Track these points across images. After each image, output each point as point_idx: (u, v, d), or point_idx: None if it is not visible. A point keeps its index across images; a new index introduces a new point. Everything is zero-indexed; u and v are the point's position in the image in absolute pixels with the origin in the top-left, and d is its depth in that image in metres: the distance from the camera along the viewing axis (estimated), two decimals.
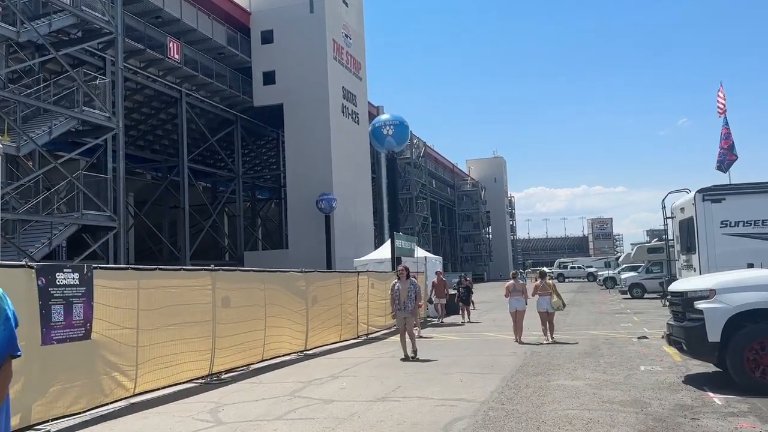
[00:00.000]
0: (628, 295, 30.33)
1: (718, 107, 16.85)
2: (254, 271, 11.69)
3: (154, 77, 32.32)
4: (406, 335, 12.15)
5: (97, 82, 24.35)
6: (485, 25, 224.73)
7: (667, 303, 24.05)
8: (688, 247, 12.76)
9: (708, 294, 8.01)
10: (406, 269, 12.91)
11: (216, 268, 10.53)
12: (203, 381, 10.07)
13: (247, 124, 39.74)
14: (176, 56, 32.42)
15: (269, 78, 38.38)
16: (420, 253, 24.12)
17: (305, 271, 13.47)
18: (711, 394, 7.71)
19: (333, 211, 36.22)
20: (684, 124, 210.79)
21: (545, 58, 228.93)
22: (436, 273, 22.42)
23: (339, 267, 31.10)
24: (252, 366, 11.49)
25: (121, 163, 24.93)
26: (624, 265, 43.95)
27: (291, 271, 13.10)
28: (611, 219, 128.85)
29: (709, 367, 9.38)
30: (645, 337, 14.09)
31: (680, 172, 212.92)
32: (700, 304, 8.01)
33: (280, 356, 12.39)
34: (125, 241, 24.59)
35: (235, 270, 11.04)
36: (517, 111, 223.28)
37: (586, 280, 58.31)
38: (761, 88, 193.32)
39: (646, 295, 29.91)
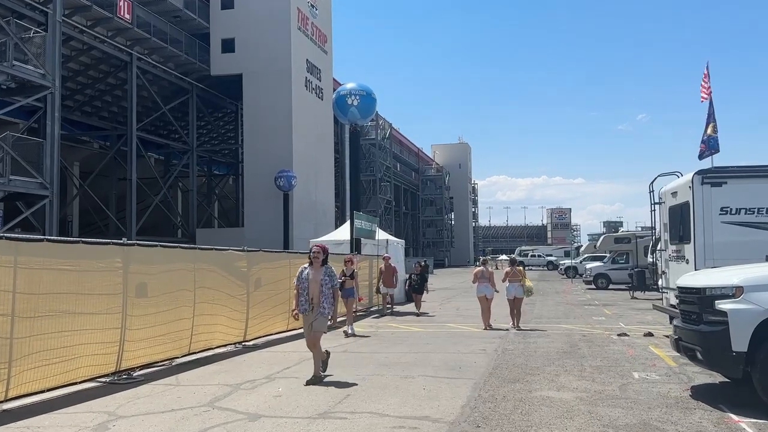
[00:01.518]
0: (593, 286, 29.21)
1: (702, 91, 15.38)
2: (181, 247, 9.67)
3: (102, 37, 29.47)
4: (319, 348, 8.19)
5: (32, 34, 21.59)
6: (455, 10, 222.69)
7: (634, 295, 23.27)
8: (681, 236, 11.26)
9: (733, 292, 6.40)
10: (324, 250, 8.30)
11: (130, 242, 8.46)
12: (108, 380, 8.07)
13: (204, 94, 37.10)
14: (127, 16, 29.61)
15: (228, 46, 35.80)
16: (382, 235, 22.31)
17: (248, 250, 11.49)
18: (734, 417, 6.11)
19: (292, 189, 34.14)
20: (643, 119, 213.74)
21: (513, 48, 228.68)
22: (384, 258, 18.32)
23: (297, 248, 29.08)
24: (177, 360, 9.52)
25: (56, 125, 22.29)
26: (586, 255, 43.21)
27: (230, 249, 11.09)
28: (570, 209, 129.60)
29: (714, 376, 7.86)
30: (626, 335, 12.61)
31: (637, 166, 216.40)
32: (724, 305, 6.39)
33: (212, 348, 10.44)
34: (58, 212, 22.03)
35: (156, 245, 9.00)
36: (483, 99, 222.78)
37: (546, 268, 57.61)
38: (723, 85, 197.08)
39: (611, 286, 28.82)
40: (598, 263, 30.42)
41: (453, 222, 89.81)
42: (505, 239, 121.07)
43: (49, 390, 7.21)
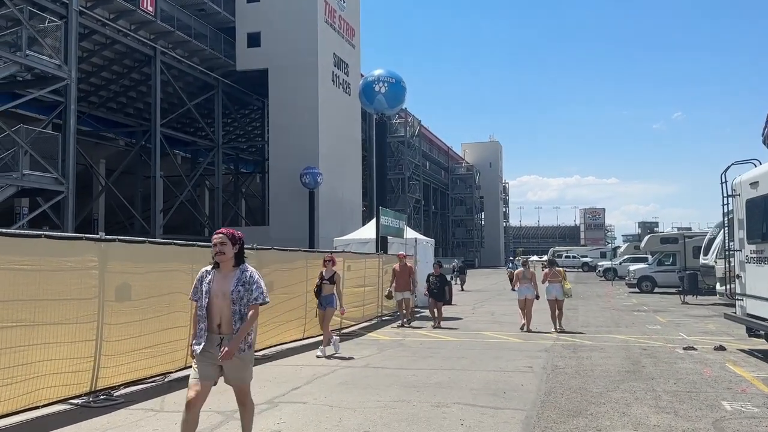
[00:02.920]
0: (636, 289, 27.08)
1: None
2: (176, 244, 8.23)
3: (126, 31, 28.51)
4: (250, 406, 5.13)
5: (46, 23, 20.59)
6: (489, 8, 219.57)
7: (685, 300, 21.17)
8: (764, 233, 9.42)
9: None
10: (234, 239, 4.76)
11: (109, 237, 7.02)
12: (81, 402, 6.66)
13: (229, 89, 35.99)
14: (150, 8, 28.61)
15: (254, 40, 34.60)
16: (410, 234, 20.70)
17: (257, 248, 10.01)
18: None
19: (318, 186, 32.74)
20: (678, 118, 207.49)
21: (545, 46, 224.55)
22: (398, 256, 15.15)
23: (323, 247, 27.67)
24: (172, 375, 8.08)
25: (73, 118, 21.25)
26: (625, 256, 40.85)
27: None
28: (604, 209, 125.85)
29: None
30: (693, 348, 10.76)
31: (673, 166, 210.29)
32: None
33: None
34: (74, 208, 20.97)
35: (144, 241, 7.57)
36: (514, 98, 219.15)
37: (581, 270, 55.18)
38: (758, 85, 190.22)
39: (656, 290, 26.67)
40: (642, 265, 28.25)
41: (483, 222, 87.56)
42: (536, 240, 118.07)
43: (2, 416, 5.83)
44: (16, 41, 19.81)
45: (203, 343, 4.63)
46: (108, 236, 7.06)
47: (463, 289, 29.50)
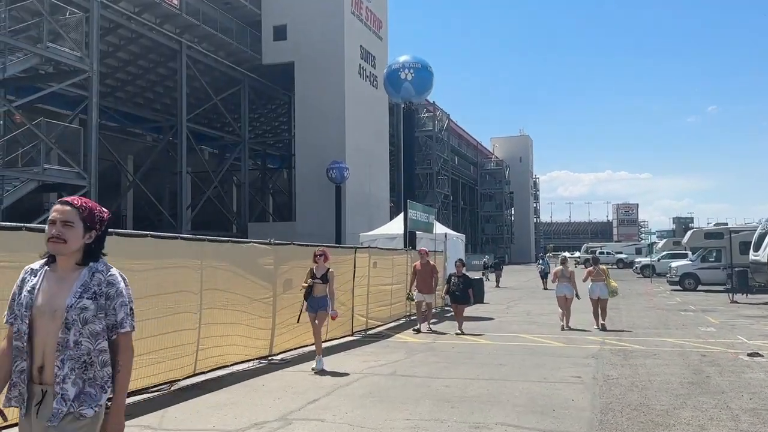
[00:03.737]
0: (679, 287, 25.55)
1: None
2: (183, 238, 7.35)
3: (151, 24, 28.03)
4: None
5: (68, 15, 20.11)
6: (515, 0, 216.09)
7: (734, 299, 19.72)
8: None
9: None
10: (84, 210, 2.66)
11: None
12: None
13: (256, 84, 35.36)
14: (175, 1, 28.11)
15: (280, 33, 33.89)
16: (440, 229, 19.67)
17: (275, 244, 9.14)
18: None
19: (345, 181, 31.92)
20: (713, 111, 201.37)
21: (576, 38, 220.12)
22: (420, 252, 13.18)
23: (350, 242, 26.83)
24: (179, 383, 7.27)
25: (94, 111, 20.76)
26: (664, 252, 39.12)
27: (252, 242, 8.76)
28: (637, 205, 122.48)
29: None
30: (759, 355, 9.54)
31: (708, 160, 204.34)
32: None
33: (228, 366, 8.15)
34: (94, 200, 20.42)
35: (146, 235, 6.72)
36: (543, 92, 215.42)
37: (616, 266, 53.30)
38: None
39: (700, 287, 25.13)
40: (684, 261, 26.67)
41: (513, 218, 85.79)
42: (567, 236, 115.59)
43: None
44: (40, 35, 19.40)
45: (21, 403, 2.54)
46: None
47: (498, 285, 28.78)
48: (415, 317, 13.45)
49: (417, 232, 17.62)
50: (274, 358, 9.03)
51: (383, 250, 13.76)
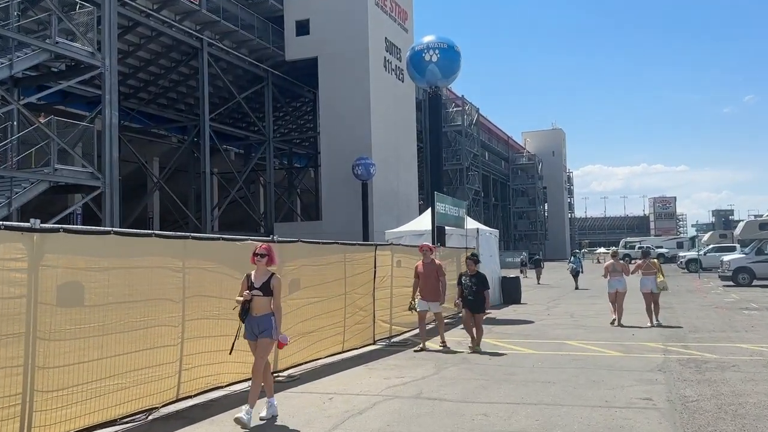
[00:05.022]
0: (731, 282, 23.39)
1: None
2: (157, 235, 5.94)
3: (170, 21, 27.09)
4: None
5: (77, 9, 19.16)
6: None
7: None
8: None
9: None
10: None
11: (47, 226, 4.86)
12: None
13: (280, 81, 34.24)
14: None
15: (303, 28, 32.67)
16: (471, 224, 18.09)
17: (279, 241, 7.75)
18: None
19: (371, 177, 30.51)
20: (750, 101, 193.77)
21: (608, 30, 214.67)
22: (421, 249, 10.17)
23: (377, 241, 25.43)
24: (161, 411, 5.94)
25: (108, 109, 19.75)
26: (711, 245, 36.66)
27: (249, 239, 7.37)
28: (674, 198, 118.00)
29: None
30: None
31: (746, 151, 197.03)
32: None
33: (222, 387, 6.80)
34: (111, 203, 19.47)
35: (108, 232, 5.37)
36: (575, 85, 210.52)
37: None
38: None
39: (755, 282, 22.95)
40: (737, 255, 24.48)
41: (547, 213, 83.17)
42: (602, 231, 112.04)
43: None
44: (52, 32, 18.53)
45: None
46: (46, 225, 4.91)
47: (539, 283, 27.64)
48: (449, 319, 11.84)
49: (446, 228, 16.09)
50: (280, 374, 7.64)
51: (408, 248, 12.28)
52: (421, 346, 9.68)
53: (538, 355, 9.08)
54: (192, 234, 6.48)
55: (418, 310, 9.87)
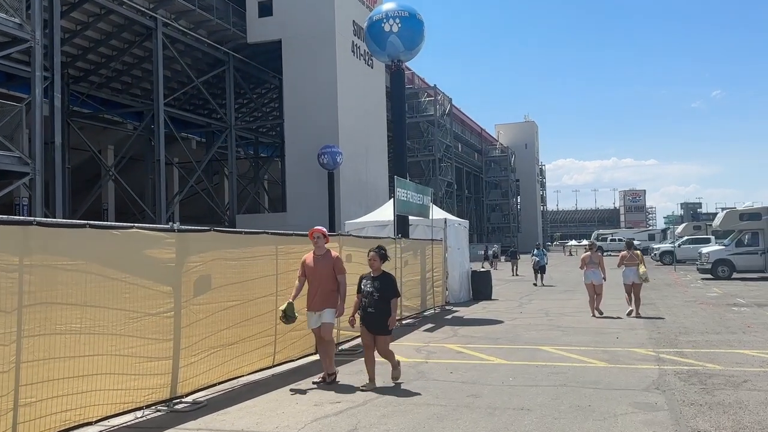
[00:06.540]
0: (710, 275, 22.24)
1: None
2: (90, 226, 4.06)
3: None
4: None
5: None
6: None
7: None
8: None
9: None
10: None
11: None
12: None
13: (242, 65, 32.16)
14: None
15: (266, 9, 30.70)
16: (438, 214, 16.49)
17: (179, 230, 5.96)
18: None
19: (338, 167, 28.76)
20: (717, 96, 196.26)
21: (580, 23, 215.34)
22: (311, 235, 7.21)
23: (343, 232, 23.66)
24: None
25: (39, 87, 17.60)
26: (685, 237, 35.75)
27: (134, 226, 5.57)
28: (644, 191, 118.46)
29: None
30: None
31: (713, 146, 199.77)
32: None
33: (92, 422, 5.00)
34: (42, 191, 17.38)
35: (31, 222, 3.55)
36: (545, 80, 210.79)
37: None
38: None
39: (734, 275, 21.82)
40: (716, 246, 23.35)
41: (519, 206, 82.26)
42: (574, 224, 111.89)
43: None
44: None
45: None
46: None
47: (517, 275, 26.93)
48: (409, 320, 10.11)
49: (411, 218, 14.44)
50: (181, 401, 5.87)
51: (363, 239, 10.57)
52: (321, 376, 6.77)
53: (508, 367, 7.45)
54: (38, 219, 4.64)
55: (310, 327, 7.00)
